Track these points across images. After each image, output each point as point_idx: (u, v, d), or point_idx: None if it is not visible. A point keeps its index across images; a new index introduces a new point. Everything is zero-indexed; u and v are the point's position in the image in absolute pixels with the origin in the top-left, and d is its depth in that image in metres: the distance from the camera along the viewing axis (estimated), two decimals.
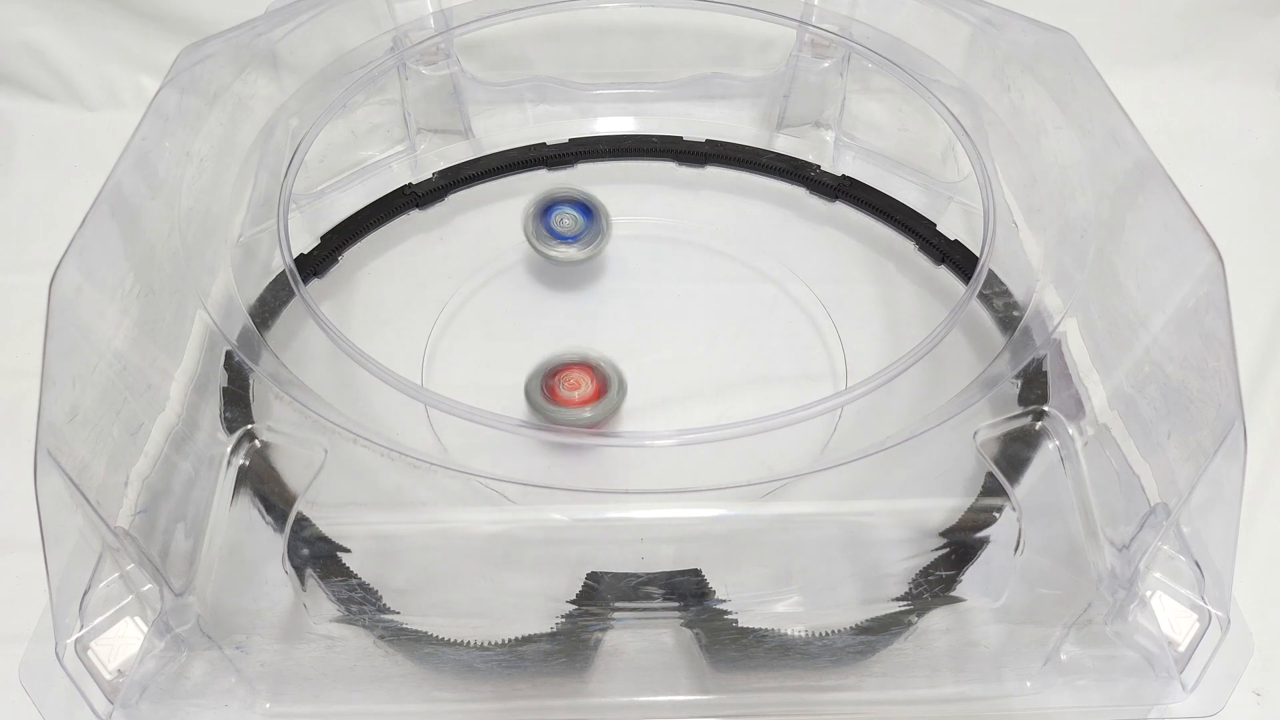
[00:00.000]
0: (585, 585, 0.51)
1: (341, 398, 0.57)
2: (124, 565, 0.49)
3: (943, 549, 0.54)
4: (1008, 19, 0.73)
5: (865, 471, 0.52)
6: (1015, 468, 0.55)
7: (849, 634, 0.51)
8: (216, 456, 0.56)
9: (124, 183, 0.57)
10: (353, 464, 0.55)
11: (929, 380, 0.65)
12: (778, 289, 0.77)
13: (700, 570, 0.51)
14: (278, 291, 0.69)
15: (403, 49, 0.79)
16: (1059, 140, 0.66)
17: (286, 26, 0.73)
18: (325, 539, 0.53)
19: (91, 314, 0.52)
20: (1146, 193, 0.57)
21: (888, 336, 0.74)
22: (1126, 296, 0.57)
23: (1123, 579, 0.50)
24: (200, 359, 0.58)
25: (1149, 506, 0.52)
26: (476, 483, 0.57)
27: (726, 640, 0.51)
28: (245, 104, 0.70)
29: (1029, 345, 0.56)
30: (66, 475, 0.46)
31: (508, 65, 0.91)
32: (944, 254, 0.78)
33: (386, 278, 0.79)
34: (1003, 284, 0.68)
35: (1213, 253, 0.49)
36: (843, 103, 0.84)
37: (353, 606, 0.51)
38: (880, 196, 0.83)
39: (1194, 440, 0.49)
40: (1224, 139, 0.95)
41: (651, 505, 0.53)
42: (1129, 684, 0.50)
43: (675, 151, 0.87)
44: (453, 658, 0.51)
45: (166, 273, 0.58)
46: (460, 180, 0.85)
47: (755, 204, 0.85)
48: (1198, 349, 0.50)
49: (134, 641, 0.48)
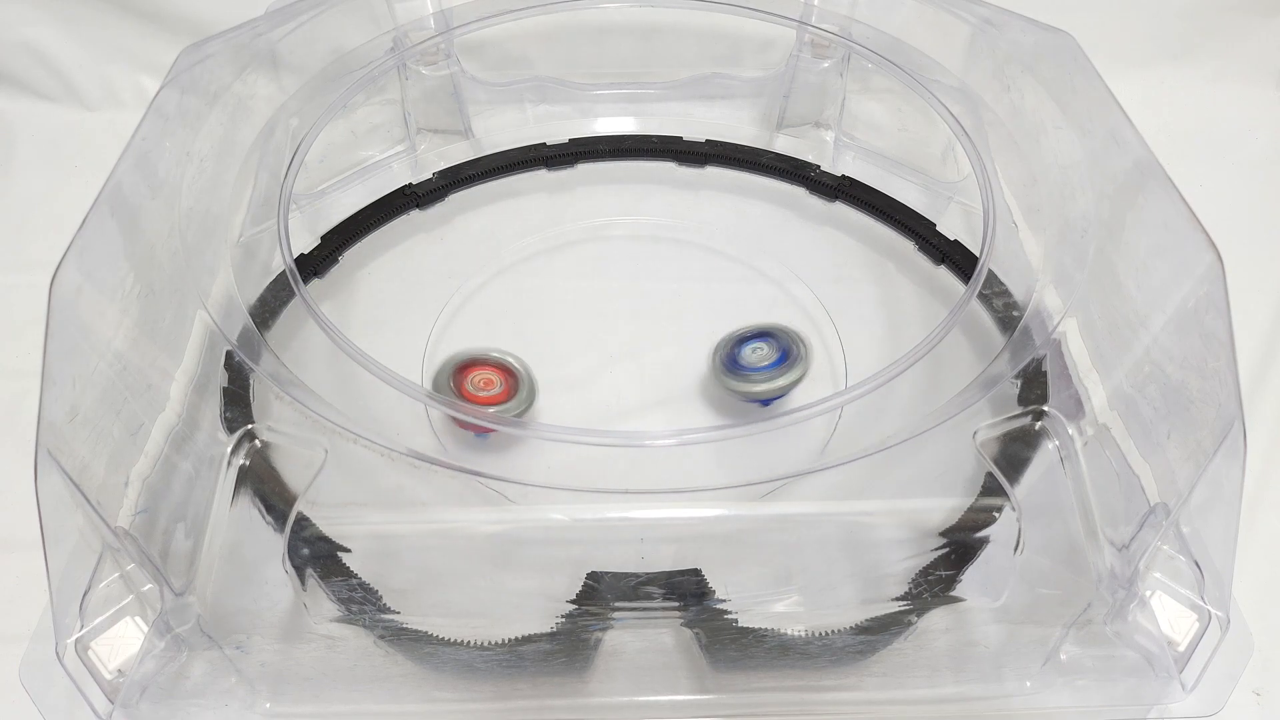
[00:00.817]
0: (585, 585, 0.51)
1: (341, 398, 0.57)
2: (124, 565, 0.49)
3: (942, 549, 0.54)
4: (1008, 19, 0.73)
5: (865, 471, 0.52)
6: (1015, 468, 0.55)
7: (849, 634, 0.51)
8: (217, 456, 0.56)
9: (124, 183, 0.57)
10: (353, 464, 0.56)
11: (929, 380, 0.65)
12: (778, 289, 0.77)
13: (700, 570, 0.51)
14: (278, 291, 0.69)
15: (403, 49, 0.79)
16: (1059, 140, 0.66)
17: (286, 26, 0.73)
18: (325, 539, 0.53)
19: (91, 314, 0.52)
20: (1146, 193, 0.57)
21: (888, 336, 0.74)
22: (1126, 296, 0.57)
23: (1122, 579, 0.50)
24: (200, 359, 0.58)
25: (1149, 506, 0.52)
26: (476, 483, 0.58)
27: (726, 640, 0.51)
28: (245, 104, 0.70)
29: (1029, 345, 0.56)
30: (67, 475, 0.46)
31: (508, 65, 0.91)
32: (944, 254, 0.78)
33: (386, 278, 0.79)
34: (1002, 284, 0.68)
35: (1213, 253, 0.49)
36: (843, 103, 0.84)
37: (353, 606, 0.51)
38: (880, 196, 0.83)
39: (1194, 440, 0.49)
40: (1224, 139, 0.95)
41: (651, 505, 0.53)
42: (1129, 684, 0.50)
43: (675, 151, 0.87)
44: (453, 658, 0.51)
45: (167, 273, 0.58)
46: (460, 180, 0.85)
47: (755, 204, 0.85)
48: (1198, 349, 0.50)
49: (134, 641, 0.48)
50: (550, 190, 0.86)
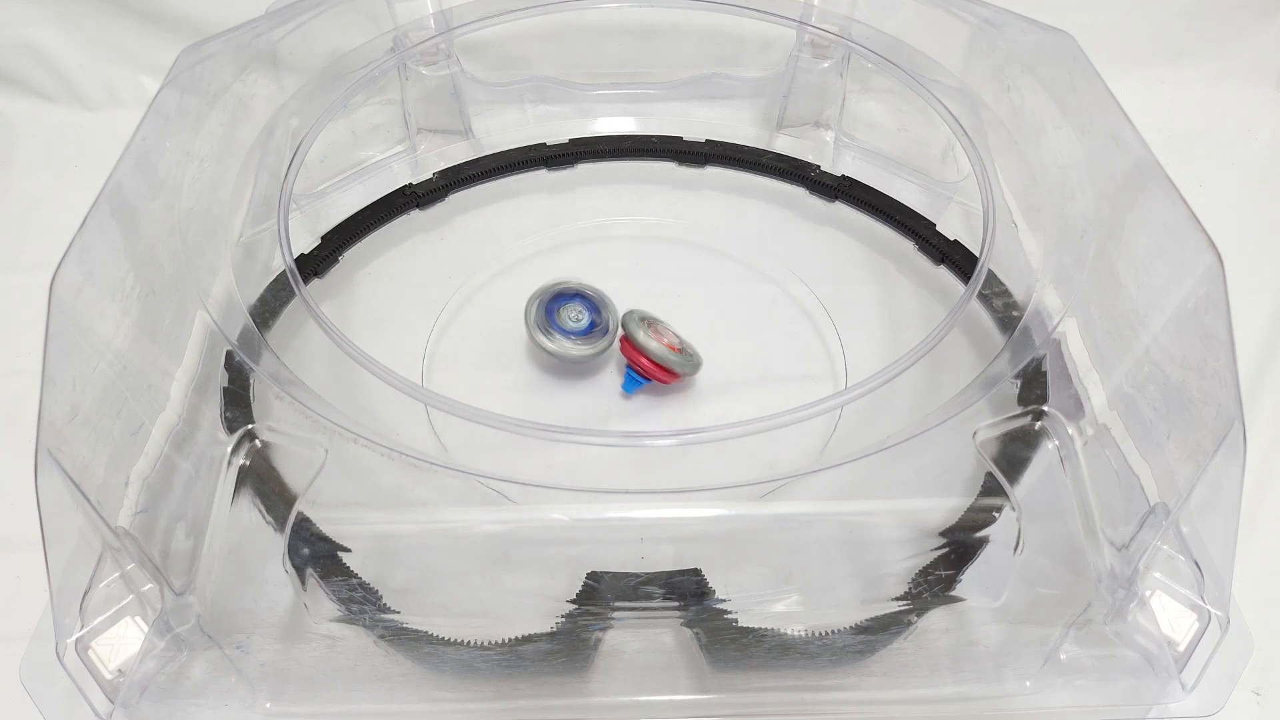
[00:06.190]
0: (585, 585, 0.51)
1: (341, 398, 0.57)
2: (124, 565, 0.49)
3: (942, 549, 0.54)
4: (1008, 19, 0.73)
5: (865, 471, 0.52)
6: (1015, 468, 0.55)
7: (849, 634, 0.51)
8: (217, 456, 0.56)
9: (124, 183, 0.57)
10: (353, 464, 0.56)
11: (929, 380, 0.65)
12: (778, 289, 0.77)
13: (700, 570, 0.51)
14: (278, 291, 0.69)
15: (403, 49, 0.79)
16: (1059, 140, 0.66)
17: (286, 26, 0.73)
18: (325, 539, 0.53)
19: (92, 314, 0.52)
20: (1146, 193, 0.57)
21: (888, 336, 0.74)
22: (1126, 296, 0.57)
23: (1122, 579, 0.50)
24: (201, 359, 0.58)
25: (1148, 506, 0.52)
26: (476, 483, 0.58)
27: (726, 640, 0.51)
28: (245, 104, 0.70)
29: (1028, 345, 0.56)
30: (67, 475, 0.46)
31: (508, 65, 0.91)
32: (944, 254, 0.78)
33: (386, 278, 0.79)
34: (1002, 284, 0.68)
35: (1212, 253, 0.49)
36: (843, 103, 0.84)
37: (353, 606, 0.51)
38: (880, 196, 0.83)
39: (1194, 440, 0.49)
40: (1224, 139, 0.95)
41: (651, 505, 0.53)
42: (1128, 684, 0.50)
43: (675, 151, 0.87)
44: (453, 657, 0.51)
45: (167, 273, 0.58)
46: (460, 180, 0.85)
47: (755, 204, 0.85)
48: (1197, 349, 0.50)
49: (134, 641, 0.48)
50: (550, 190, 0.86)
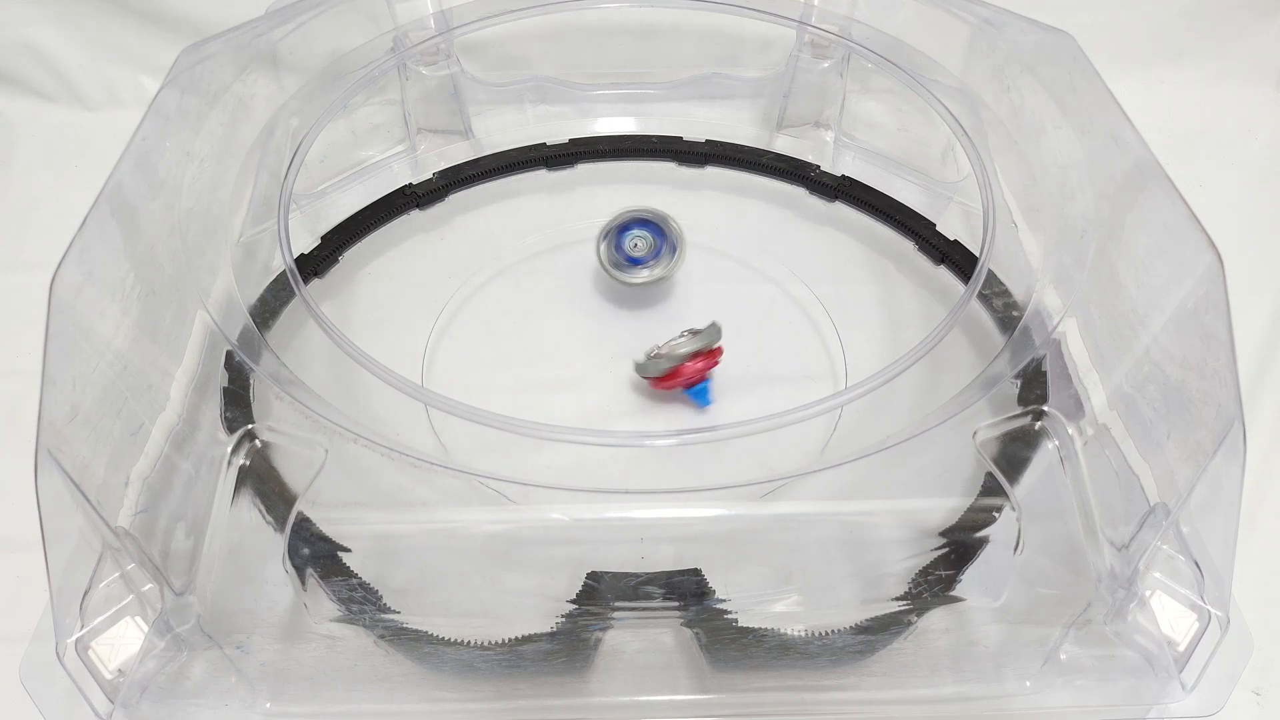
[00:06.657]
0: (585, 585, 0.51)
1: (341, 398, 0.57)
2: (124, 565, 0.49)
3: (942, 549, 0.54)
4: (1008, 19, 0.73)
5: (865, 471, 0.52)
6: (1015, 468, 0.55)
7: (849, 634, 0.51)
8: (217, 456, 0.56)
9: (124, 183, 0.57)
10: (353, 464, 0.56)
11: (929, 380, 0.65)
12: (778, 289, 0.77)
13: (700, 570, 0.51)
14: (278, 291, 0.69)
15: (403, 49, 0.79)
16: (1059, 140, 0.66)
17: (286, 26, 0.73)
18: (325, 539, 0.53)
19: (92, 314, 0.52)
20: (1146, 193, 0.57)
21: (888, 336, 0.74)
22: (1126, 296, 0.57)
23: (1122, 579, 0.50)
24: (201, 359, 0.58)
25: (1148, 506, 0.52)
26: (476, 483, 0.58)
27: (726, 640, 0.51)
28: (245, 104, 0.70)
29: (1028, 345, 0.56)
30: (67, 475, 0.46)
31: (508, 65, 0.91)
32: (944, 254, 0.78)
33: (386, 278, 0.79)
34: (1002, 284, 0.68)
35: (1212, 253, 0.49)
36: (842, 103, 0.84)
37: (353, 606, 0.51)
38: (880, 196, 0.83)
39: (1194, 440, 0.49)
40: (1224, 139, 0.95)
41: (651, 505, 0.53)
42: (1128, 684, 0.50)
43: (675, 151, 0.87)
44: (453, 657, 0.51)
45: (167, 273, 0.58)
46: (460, 180, 0.85)
47: (755, 204, 0.85)
48: (1197, 349, 0.50)
49: (134, 641, 0.48)
50: (550, 190, 0.86)
